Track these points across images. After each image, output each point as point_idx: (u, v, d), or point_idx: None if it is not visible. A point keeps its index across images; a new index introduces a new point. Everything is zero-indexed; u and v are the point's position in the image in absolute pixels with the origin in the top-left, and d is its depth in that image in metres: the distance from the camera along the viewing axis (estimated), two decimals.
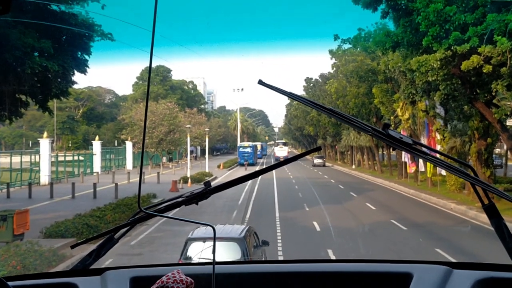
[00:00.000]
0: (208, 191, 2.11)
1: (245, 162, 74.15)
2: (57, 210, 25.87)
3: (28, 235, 18.14)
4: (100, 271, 2.62)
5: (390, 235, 20.00)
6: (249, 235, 12.09)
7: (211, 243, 10.61)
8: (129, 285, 2.50)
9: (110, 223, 20.29)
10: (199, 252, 10.74)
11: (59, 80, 24.52)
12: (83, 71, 24.99)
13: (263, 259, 11.84)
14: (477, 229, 21.01)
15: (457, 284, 2.39)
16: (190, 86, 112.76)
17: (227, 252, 11.18)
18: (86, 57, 24.82)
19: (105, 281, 2.53)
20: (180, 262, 10.78)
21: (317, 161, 76.80)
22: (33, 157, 46.37)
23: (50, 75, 23.79)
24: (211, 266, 2.33)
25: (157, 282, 2.12)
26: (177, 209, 2.30)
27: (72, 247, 2.64)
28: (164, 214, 2.24)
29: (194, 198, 2.13)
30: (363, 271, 2.75)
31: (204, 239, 11.22)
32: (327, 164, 79.82)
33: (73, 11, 23.63)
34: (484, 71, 19.37)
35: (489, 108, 24.40)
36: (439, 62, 21.19)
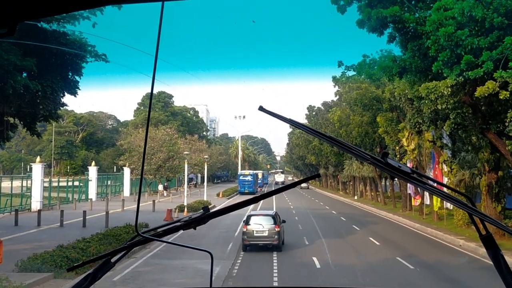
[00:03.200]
0: (206, 216, 2.06)
1: (259, 189, 75.27)
2: (41, 239, 24.36)
3: (2, 269, 16.61)
4: None
5: (396, 275, 18.42)
6: (277, 214, 24.39)
7: (262, 217, 23.81)
8: None
9: (94, 256, 18.74)
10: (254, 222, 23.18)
11: (47, 101, 23.23)
12: (73, 92, 23.81)
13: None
14: (490, 269, 19.39)
15: None
16: (192, 113, 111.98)
17: (266, 221, 23.08)
18: (77, 78, 23.70)
19: None
20: (245, 228, 23.09)
21: (303, 185, 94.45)
22: (28, 182, 44.91)
23: (39, 96, 22.52)
24: None
25: None
26: (177, 234, 1.88)
27: (68, 270, 3.05)
28: (161, 239, 2.23)
29: (192, 223, 2.07)
30: None
31: (258, 215, 24.45)
32: (313, 188, 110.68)
33: (65, 30, 22.56)
34: (501, 97, 17.96)
35: (501, 139, 23.04)
36: (449, 89, 19.88)
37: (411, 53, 20.82)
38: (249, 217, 23.64)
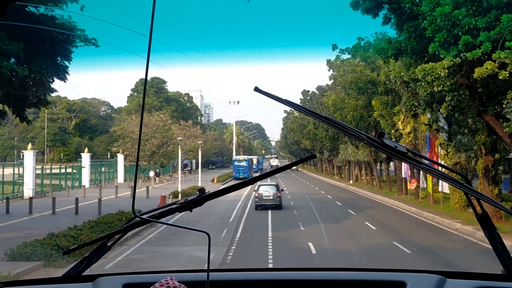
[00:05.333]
0: (202, 198, 2.07)
1: (254, 174, 75.09)
2: (33, 227, 23.98)
3: None
4: (92, 278, 2.58)
5: (393, 260, 18.16)
6: (278, 184, 35.27)
7: (268, 186, 34.69)
8: None
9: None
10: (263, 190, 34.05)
11: (36, 87, 22.70)
12: (62, 78, 23.24)
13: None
14: (488, 252, 19.15)
15: None
16: (186, 98, 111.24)
17: (271, 189, 34.08)
18: (66, 63, 23.14)
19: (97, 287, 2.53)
20: (256, 194, 34.25)
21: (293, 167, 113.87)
22: (20, 169, 44.41)
23: (27, 82, 21.98)
24: (205, 273, 2.32)
25: None
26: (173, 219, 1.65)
27: (64, 253, 2.67)
28: (158, 220, 2.21)
29: (188, 205, 2.09)
30: (356, 279, 2.73)
31: (265, 184, 34.64)
32: (302, 170, 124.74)
33: (53, 14, 21.98)
34: (500, 77, 17.54)
35: (498, 121, 22.72)
36: (446, 71, 19.47)
37: (407, 34, 20.43)
38: (258, 186, 34.17)
